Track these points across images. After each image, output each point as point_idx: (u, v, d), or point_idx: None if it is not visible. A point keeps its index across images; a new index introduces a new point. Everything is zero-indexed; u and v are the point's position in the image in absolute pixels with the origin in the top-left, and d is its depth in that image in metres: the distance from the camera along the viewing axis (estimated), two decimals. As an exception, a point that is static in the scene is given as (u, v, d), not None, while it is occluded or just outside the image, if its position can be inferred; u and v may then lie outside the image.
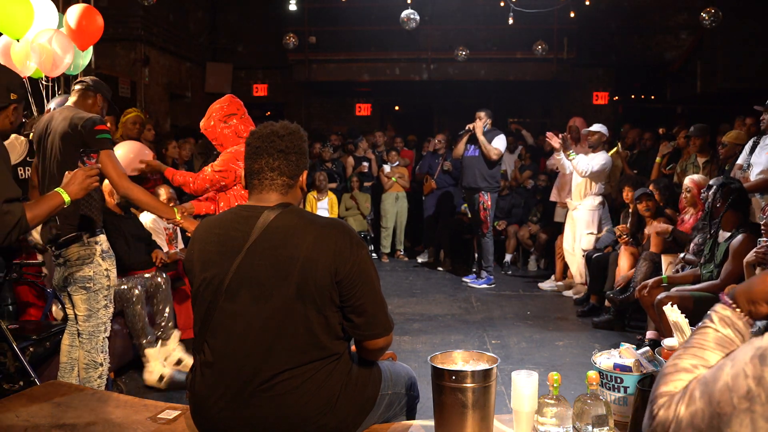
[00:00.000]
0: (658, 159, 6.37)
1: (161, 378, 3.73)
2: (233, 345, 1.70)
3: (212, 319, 1.73)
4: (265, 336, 1.67)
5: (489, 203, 6.37)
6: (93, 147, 2.88)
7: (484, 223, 6.40)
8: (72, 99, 3.15)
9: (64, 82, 4.01)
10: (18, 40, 3.65)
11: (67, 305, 3.16)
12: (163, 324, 3.98)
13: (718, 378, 0.73)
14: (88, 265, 2.97)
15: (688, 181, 4.82)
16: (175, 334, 4.04)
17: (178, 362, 3.96)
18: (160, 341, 3.96)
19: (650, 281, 4.15)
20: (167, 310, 4.01)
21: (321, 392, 1.69)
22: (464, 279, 6.82)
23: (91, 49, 4.23)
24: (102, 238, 3.04)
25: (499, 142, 6.35)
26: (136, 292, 3.78)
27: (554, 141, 5.90)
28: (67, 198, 2.39)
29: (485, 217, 6.38)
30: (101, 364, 3.06)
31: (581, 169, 5.73)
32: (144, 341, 3.76)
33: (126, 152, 4.50)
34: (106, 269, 3.03)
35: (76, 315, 3.06)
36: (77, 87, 3.17)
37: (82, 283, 2.98)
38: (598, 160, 5.78)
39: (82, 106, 3.09)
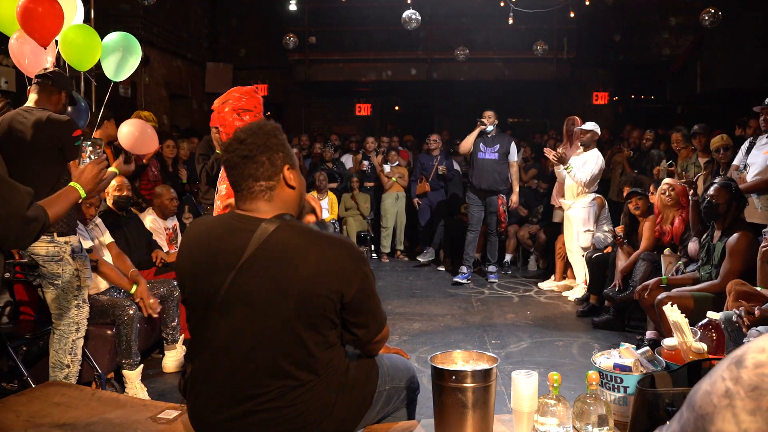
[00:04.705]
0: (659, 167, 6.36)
1: None
2: (227, 360, 1.65)
3: (205, 333, 1.68)
4: (259, 353, 1.63)
5: (507, 204, 6.67)
6: (70, 154, 2.89)
7: (503, 222, 6.69)
8: (34, 96, 3.05)
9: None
10: (9, 37, 3.59)
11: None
12: (173, 325, 3.99)
13: (698, 389, 0.76)
14: (57, 262, 2.95)
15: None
16: (182, 338, 4.08)
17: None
18: (167, 345, 4.01)
19: (650, 282, 4.15)
20: (176, 317, 4.01)
21: (318, 401, 1.66)
22: (456, 279, 6.67)
23: (139, 46, 4.05)
24: (74, 238, 3.01)
25: (515, 151, 6.65)
26: (131, 312, 3.54)
27: (552, 156, 5.96)
28: (83, 192, 2.33)
29: (505, 217, 6.67)
30: (68, 366, 3.01)
31: (581, 179, 5.78)
32: (124, 362, 3.53)
33: (131, 131, 4.35)
34: (77, 269, 3.00)
35: (50, 312, 3.03)
36: (39, 81, 3.06)
37: (50, 279, 2.96)
38: (592, 163, 5.80)
39: (47, 104, 3.04)
